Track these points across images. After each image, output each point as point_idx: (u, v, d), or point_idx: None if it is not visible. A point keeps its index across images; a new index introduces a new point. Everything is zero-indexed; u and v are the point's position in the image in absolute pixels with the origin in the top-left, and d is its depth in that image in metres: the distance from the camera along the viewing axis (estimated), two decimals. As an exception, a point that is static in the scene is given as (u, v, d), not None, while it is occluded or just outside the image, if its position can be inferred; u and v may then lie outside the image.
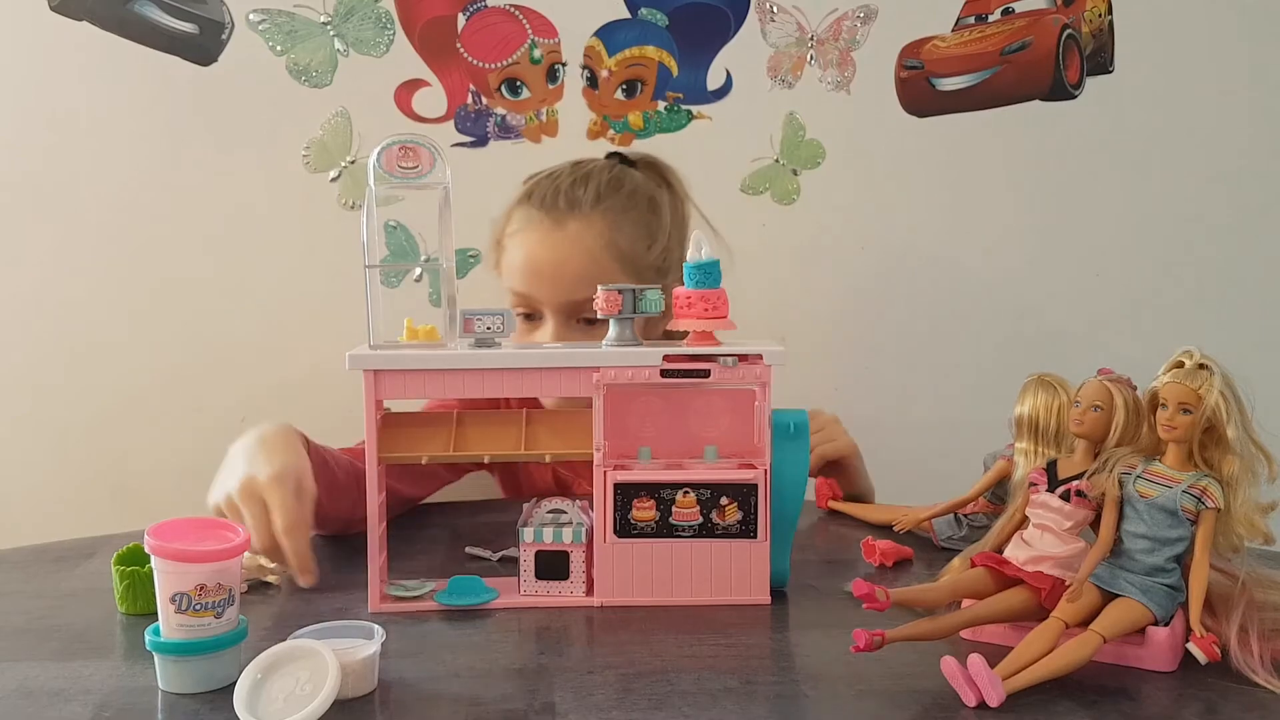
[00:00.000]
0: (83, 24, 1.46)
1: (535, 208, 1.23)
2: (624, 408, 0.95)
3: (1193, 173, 1.63)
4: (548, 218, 1.22)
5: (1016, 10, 1.59)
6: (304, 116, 1.50)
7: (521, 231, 1.23)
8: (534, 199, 1.24)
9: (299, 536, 0.92)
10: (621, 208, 1.23)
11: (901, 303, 1.62)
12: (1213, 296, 1.65)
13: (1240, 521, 0.76)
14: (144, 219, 1.50)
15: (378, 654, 0.75)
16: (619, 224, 1.22)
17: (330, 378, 1.05)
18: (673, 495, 0.91)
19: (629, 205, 1.24)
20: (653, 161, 1.34)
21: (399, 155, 0.90)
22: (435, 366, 0.90)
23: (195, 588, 0.74)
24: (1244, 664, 0.75)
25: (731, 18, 1.56)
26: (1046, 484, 0.83)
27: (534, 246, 1.22)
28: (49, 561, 1.06)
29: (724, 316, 0.92)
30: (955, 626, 0.78)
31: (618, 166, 1.29)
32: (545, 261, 1.21)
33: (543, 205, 1.23)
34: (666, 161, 1.35)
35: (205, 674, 0.74)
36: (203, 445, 1.52)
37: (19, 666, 0.79)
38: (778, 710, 0.72)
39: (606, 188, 1.24)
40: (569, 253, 1.20)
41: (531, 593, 0.92)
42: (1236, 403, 0.76)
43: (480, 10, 1.52)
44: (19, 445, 1.51)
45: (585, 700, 0.73)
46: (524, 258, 1.22)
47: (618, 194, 1.24)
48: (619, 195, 1.24)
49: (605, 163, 1.29)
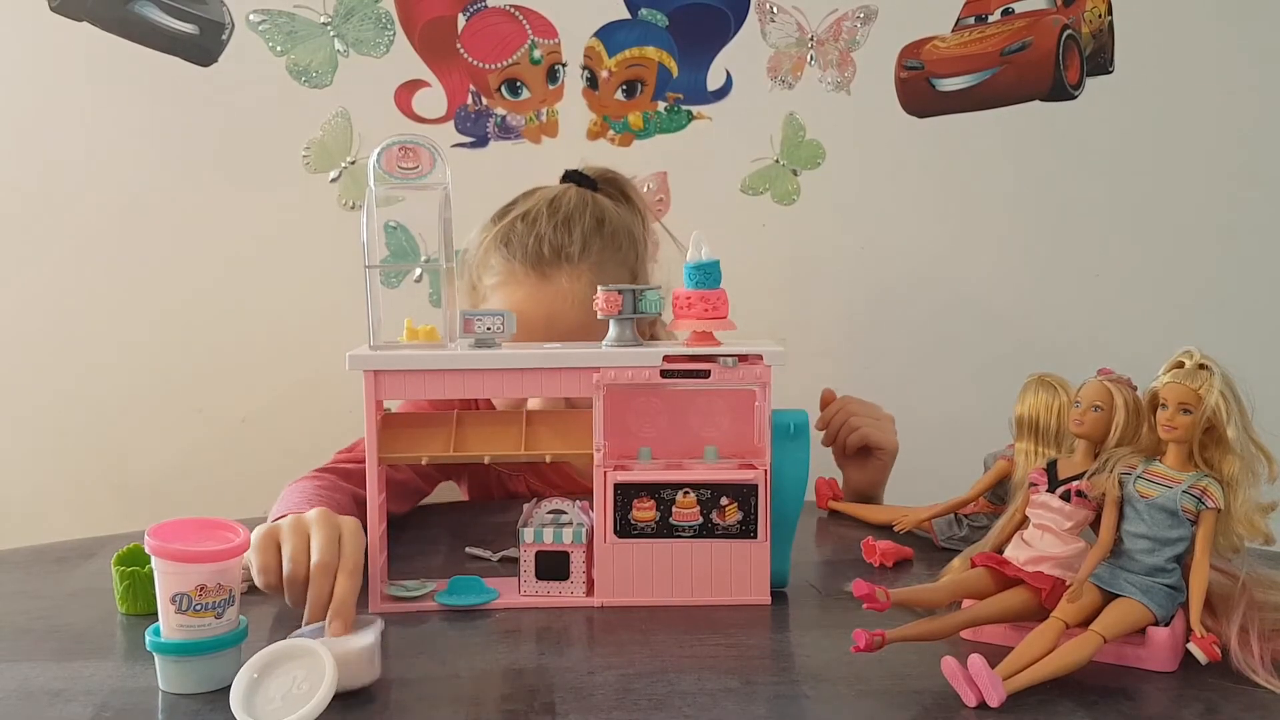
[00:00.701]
0: (83, 24, 1.46)
1: (518, 260, 1.19)
2: (624, 408, 0.95)
3: (1192, 173, 1.63)
4: (533, 271, 1.19)
5: (1016, 11, 1.59)
6: (304, 117, 1.51)
7: (505, 285, 1.20)
8: (514, 249, 1.20)
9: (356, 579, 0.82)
10: (606, 250, 1.21)
11: (901, 302, 1.62)
12: (1213, 296, 1.65)
13: (1240, 521, 0.76)
14: (144, 220, 1.50)
15: (378, 644, 0.75)
16: (605, 267, 1.20)
17: (330, 378, 1.05)
18: (673, 495, 0.91)
19: (612, 246, 1.22)
20: (613, 178, 1.31)
21: (399, 156, 0.90)
22: (435, 367, 0.90)
23: (195, 588, 0.74)
24: (1244, 664, 0.75)
25: (731, 18, 1.56)
26: (1047, 484, 0.83)
27: (522, 302, 1.18)
28: (49, 562, 1.06)
29: (724, 317, 0.92)
30: (955, 627, 0.78)
31: (591, 202, 1.24)
32: (536, 316, 1.16)
33: (526, 258, 1.19)
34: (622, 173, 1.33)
35: (205, 674, 0.74)
36: (203, 446, 1.54)
37: (19, 667, 0.79)
38: (778, 710, 0.72)
39: (591, 233, 1.20)
40: (561, 307, 1.18)
41: (532, 593, 0.92)
42: (1237, 403, 0.76)
43: (480, 11, 1.52)
44: (20, 446, 1.52)
45: (585, 700, 0.73)
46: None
47: (600, 236, 1.21)
48: (602, 237, 1.21)
49: (579, 199, 1.24)
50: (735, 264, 0.98)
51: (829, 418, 1.28)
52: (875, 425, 1.26)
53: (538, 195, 1.25)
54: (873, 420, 1.26)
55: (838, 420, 1.27)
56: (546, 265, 1.19)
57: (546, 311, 1.18)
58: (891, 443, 1.26)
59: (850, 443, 1.25)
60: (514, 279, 1.20)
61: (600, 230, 1.22)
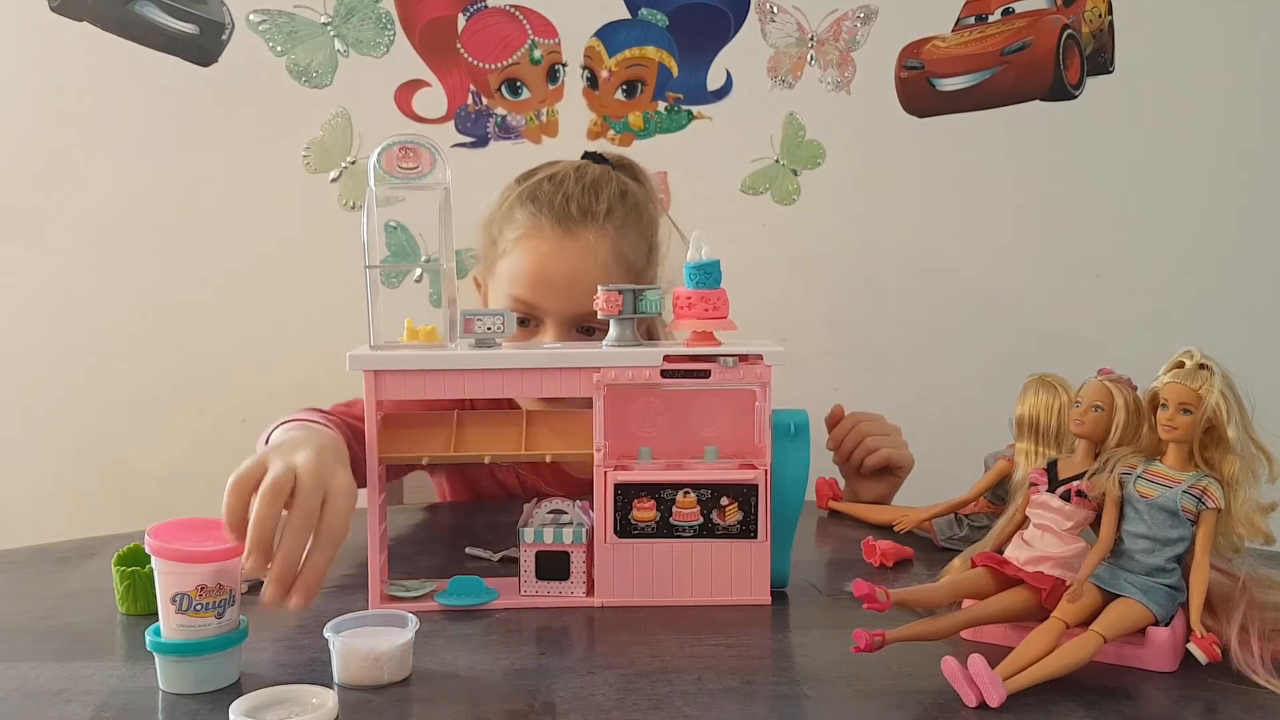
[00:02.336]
0: (83, 24, 1.46)
1: (544, 216, 1.20)
2: (624, 408, 0.95)
3: (1193, 172, 1.63)
4: (559, 226, 1.20)
5: (1016, 10, 1.59)
6: (304, 117, 1.50)
7: (528, 238, 1.21)
8: (540, 206, 1.21)
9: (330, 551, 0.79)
10: (629, 218, 1.23)
11: (901, 302, 1.62)
12: (1213, 296, 1.65)
13: (1241, 522, 0.76)
14: (144, 220, 1.50)
15: (412, 641, 0.76)
16: (627, 234, 1.22)
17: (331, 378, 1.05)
18: (673, 495, 0.91)
19: (634, 216, 1.24)
20: (629, 163, 1.33)
21: (399, 156, 0.90)
22: (435, 367, 0.90)
23: (196, 588, 0.74)
24: (1244, 664, 0.75)
25: (731, 18, 1.56)
26: (1047, 484, 0.83)
27: (546, 256, 1.19)
28: (50, 562, 1.06)
29: (724, 317, 0.92)
30: (956, 627, 0.78)
31: (614, 176, 1.27)
32: (558, 272, 1.19)
33: (553, 213, 1.20)
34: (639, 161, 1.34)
35: (206, 674, 0.74)
36: (203, 446, 1.54)
37: (20, 667, 0.79)
38: (778, 711, 0.72)
39: (616, 200, 1.23)
40: (583, 264, 1.19)
41: (532, 593, 0.92)
42: (1237, 403, 0.76)
43: (480, 11, 1.52)
44: (21, 446, 1.52)
45: (585, 701, 0.73)
46: (533, 266, 1.20)
47: (624, 205, 1.23)
48: (625, 206, 1.23)
49: (603, 171, 1.27)
50: (735, 264, 0.98)
51: (840, 437, 1.27)
52: (891, 443, 1.25)
53: (562, 163, 1.27)
54: (888, 438, 1.25)
55: (851, 439, 1.26)
56: (574, 223, 1.20)
57: (570, 267, 1.18)
58: (911, 460, 1.26)
59: (870, 464, 1.24)
60: (539, 233, 1.20)
61: (624, 200, 1.24)
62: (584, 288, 1.13)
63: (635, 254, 1.23)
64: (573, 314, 1.19)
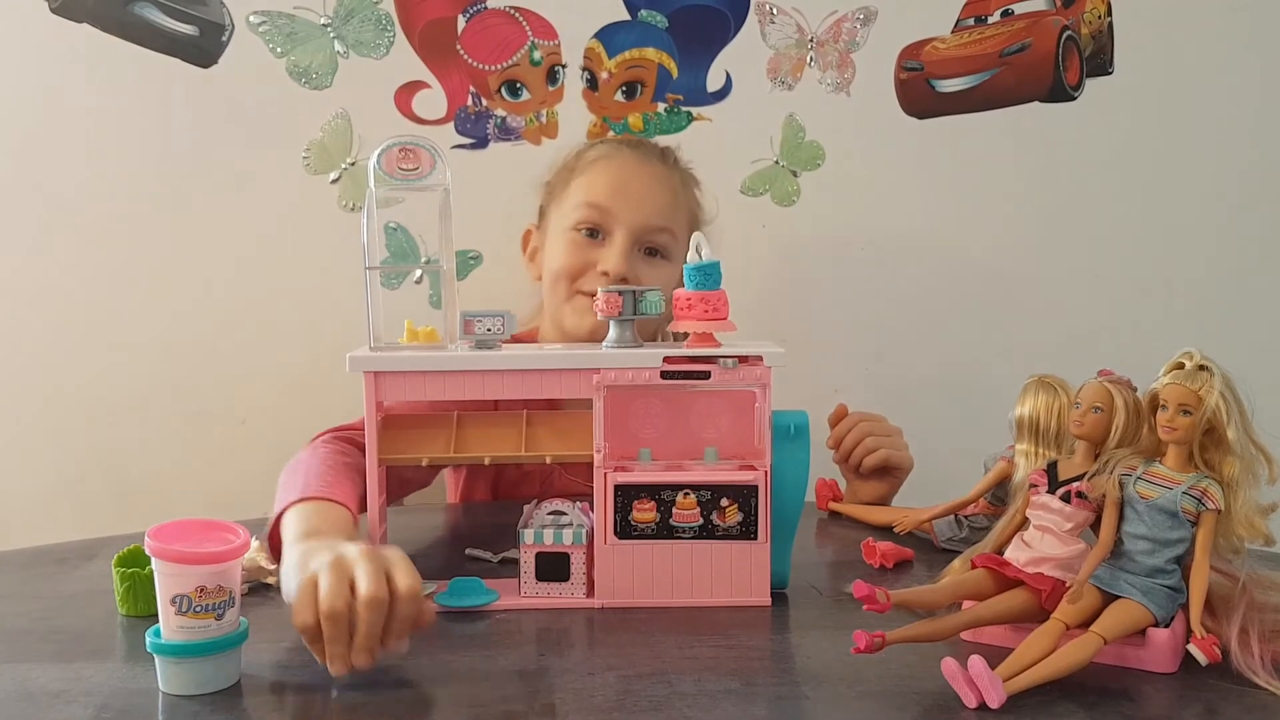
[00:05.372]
0: (83, 26, 1.46)
1: (626, 146, 1.34)
2: (624, 409, 0.95)
3: (1192, 174, 1.63)
4: (635, 153, 1.33)
5: (1016, 12, 1.59)
6: (304, 118, 1.50)
7: (607, 158, 1.32)
8: (618, 143, 1.37)
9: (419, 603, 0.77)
10: (685, 181, 1.36)
11: (901, 304, 1.62)
12: (1213, 297, 1.65)
13: (1240, 523, 0.76)
14: (144, 222, 1.50)
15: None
16: (681, 195, 1.34)
17: (331, 379, 1.05)
18: (673, 497, 0.91)
19: (687, 181, 1.37)
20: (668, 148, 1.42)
21: (399, 157, 0.90)
22: (435, 368, 0.90)
23: (196, 589, 0.74)
24: (1244, 665, 0.75)
25: (731, 19, 1.56)
26: (1047, 485, 0.83)
27: (624, 171, 1.30)
28: (50, 563, 1.06)
29: (724, 318, 0.92)
30: (956, 628, 0.78)
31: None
32: (635, 185, 1.29)
33: (630, 146, 1.34)
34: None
35: (206, 676, 0.74)
36: (204, 447, 1.53)
37: (19, 668, 0.79)
38: (778, 712, 0.72)
39: (674, 164, 1.36)
40: (657, 185, 1.30)
41: (532, 594, 0.92)
42: (1237, 404, 0.76)
43: (480, 12, 1.52)
44: (20, 446, 1.51)
45: (586, 702, 0.73)
46: (611, 178, 1.29)
47: (681, 170, 1.37)
48: (683, 172, 1.37)
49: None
50: (735, 265, 0.98)
51: (841, 435, 1.28)
52: (891, 444, 1.25)
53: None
54: (888, 439, 1.26)
55: (851, 439, 1.27)
56: (650, 154, 1.34)
57: (647, 182, 1.30)
58: (910, 461, 1.27)
59: (868, 464, 1.24)
60: (619, 155, 1.32)
61: (679, 167, 1.37)
62: (657, 203, 1.28)
63: (690, 210, 1.35)
64: (643, 225, 1.26)
